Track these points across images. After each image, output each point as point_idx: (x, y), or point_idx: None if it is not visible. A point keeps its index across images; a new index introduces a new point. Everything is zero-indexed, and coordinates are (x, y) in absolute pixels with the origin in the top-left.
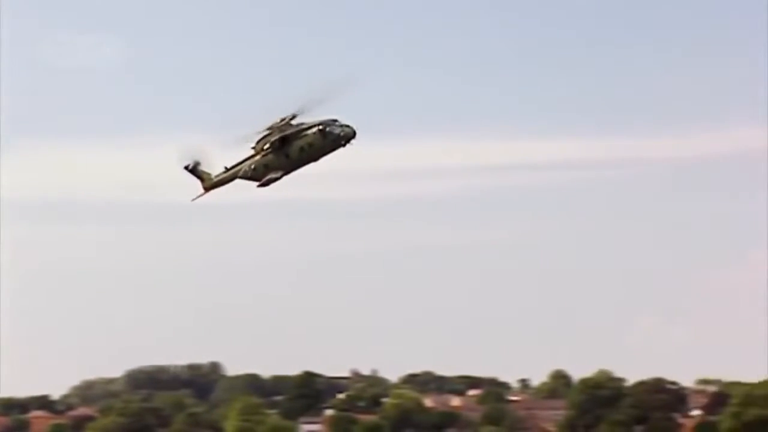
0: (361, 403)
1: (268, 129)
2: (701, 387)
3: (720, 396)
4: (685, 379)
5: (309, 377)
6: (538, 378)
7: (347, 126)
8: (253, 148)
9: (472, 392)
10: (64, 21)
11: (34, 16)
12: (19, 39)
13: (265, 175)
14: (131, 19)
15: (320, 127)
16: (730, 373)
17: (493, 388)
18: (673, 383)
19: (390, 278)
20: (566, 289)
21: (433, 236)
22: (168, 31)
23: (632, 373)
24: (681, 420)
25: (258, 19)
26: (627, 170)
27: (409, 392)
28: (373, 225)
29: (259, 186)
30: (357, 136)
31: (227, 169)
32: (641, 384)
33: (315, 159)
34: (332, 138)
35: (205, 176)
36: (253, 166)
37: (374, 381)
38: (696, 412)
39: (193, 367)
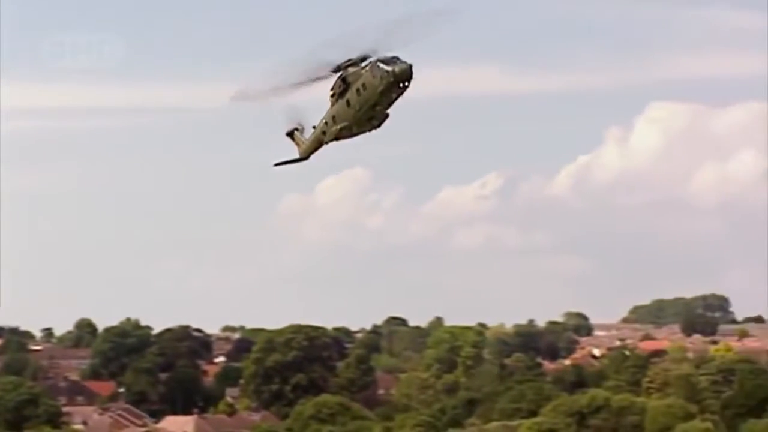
0: None
1: (335, 70)
2: (226, 334)
3: (243, 342)
4: (211, 326)
5: None
6: (64, 327)
7: (402, 62)
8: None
9: None
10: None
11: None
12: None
13: (333, 127)
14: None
15: (376, 63)
16: (253, 320)
17: (15, 338)
18: (199, 330)
19: None
20: (93, 236)
21: None
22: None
23: (159, 321)
24: (206, 367)
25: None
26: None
27: None
28: None
29: (325, 142)
30: (414, 74)
31: (315, 129)
32: (167, 331)
33: (375, 105)
34: (381, 75)
35: (300, 142)
36: (325, 120)
37: None
38: (220, 359)
39: None
